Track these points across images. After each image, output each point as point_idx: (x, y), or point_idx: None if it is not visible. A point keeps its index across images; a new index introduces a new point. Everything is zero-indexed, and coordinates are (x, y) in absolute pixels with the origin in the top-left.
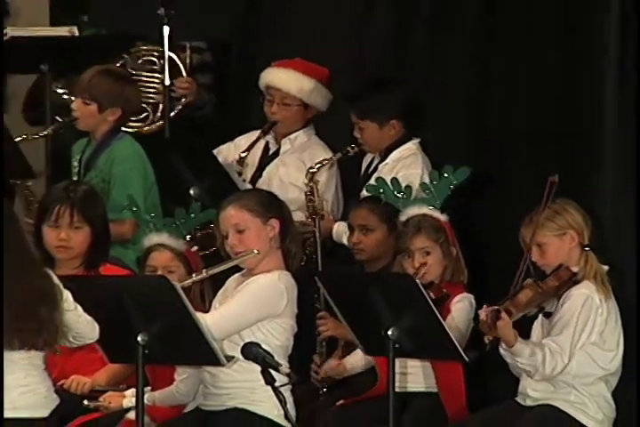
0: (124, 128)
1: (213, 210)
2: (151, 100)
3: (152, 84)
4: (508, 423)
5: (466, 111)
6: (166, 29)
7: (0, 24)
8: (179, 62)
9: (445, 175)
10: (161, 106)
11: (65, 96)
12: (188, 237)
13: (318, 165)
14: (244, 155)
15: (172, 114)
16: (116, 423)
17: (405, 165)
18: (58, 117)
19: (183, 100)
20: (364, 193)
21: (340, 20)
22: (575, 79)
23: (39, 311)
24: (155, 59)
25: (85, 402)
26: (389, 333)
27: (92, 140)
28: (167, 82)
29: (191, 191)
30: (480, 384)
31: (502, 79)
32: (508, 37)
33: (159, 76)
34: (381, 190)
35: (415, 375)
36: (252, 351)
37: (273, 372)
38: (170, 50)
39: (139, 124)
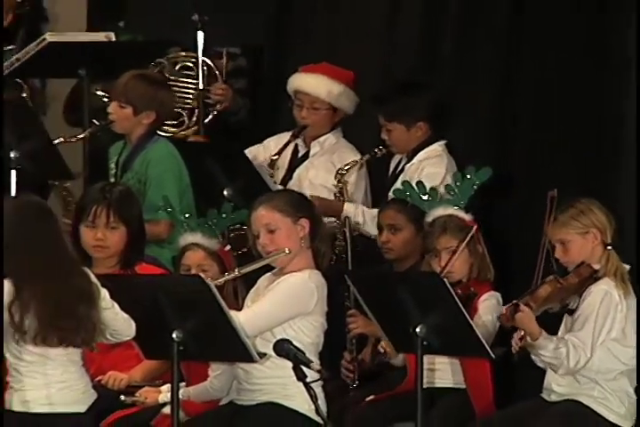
0: (160, 132)
1: (245, 210)
2: (187, 106)
3: (188, 90)
4: (533, 420)
5: (491, 114)
6: (200, 35)
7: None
8: (214, 68)
9: (468, 176)
10: (196, 111)
11: (104, 99)
12: (220, 236)
13: (347, 167)
14: (274, 158)
15: (206, 119)
16: (151, 418)
17: (430, 164)
18: (95, 120)
19: (218, 105)
20: (392, 195)
21: (369, 23)
22: (597, 84)
23: (77, 309)
24: (191, 64)
25: (122, 397)
26: (417, 330)
27: (128, 143)
28: (201, 86)
29: (225, 192)
30: (507, 381)
31: (527, 83)
32: (535, 42)
33: (195, 81)
34: (408, 193)
35: (443, 372)
36: (283, 348)
37: (304, 368)
38: (206, 56)
39: (174, 128)
